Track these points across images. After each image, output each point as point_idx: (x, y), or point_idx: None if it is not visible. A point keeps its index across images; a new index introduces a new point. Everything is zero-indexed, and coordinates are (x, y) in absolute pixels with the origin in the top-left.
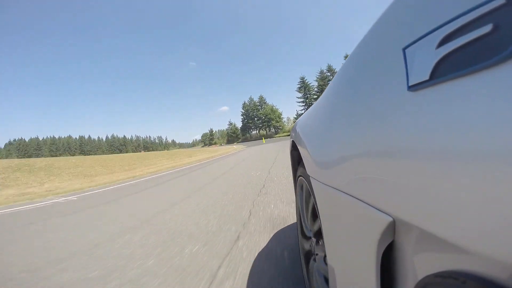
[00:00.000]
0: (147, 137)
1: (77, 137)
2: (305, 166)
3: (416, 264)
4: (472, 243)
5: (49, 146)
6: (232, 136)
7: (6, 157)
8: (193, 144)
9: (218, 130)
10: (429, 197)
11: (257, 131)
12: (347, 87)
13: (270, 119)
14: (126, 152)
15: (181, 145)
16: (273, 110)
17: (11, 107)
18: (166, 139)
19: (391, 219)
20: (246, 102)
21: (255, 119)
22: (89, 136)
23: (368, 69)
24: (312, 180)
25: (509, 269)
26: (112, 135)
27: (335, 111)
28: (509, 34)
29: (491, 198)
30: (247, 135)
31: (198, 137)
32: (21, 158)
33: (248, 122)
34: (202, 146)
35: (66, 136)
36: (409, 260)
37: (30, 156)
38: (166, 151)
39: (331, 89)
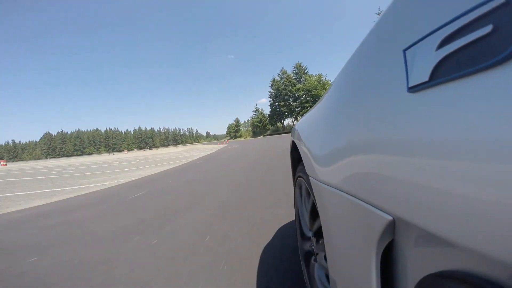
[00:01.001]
0: (176, 129)
1: (105, 129)
2: (305, 166)
3: (416, 263)
4: (472, 243)
5: (73, 140)
6: (259, 127)
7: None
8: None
9: (247, 121)
10: (429, 196)
11: (294, 118)
12: (348, 88)
13: (317, 96)
14: (153, 146)
15: (216, 137)
16: (322, 82)
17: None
18: (196, 131)
19: (391, 218)
20: (276, 78)
21: (290, 100)
22: (115, 128)
23: (369, 70)
24: (311, 180)
25: (509, 269)
26: (139, 128)
27: (336, 112)
28: (508, 36)
29: (491, 198)
30: (279, 124)
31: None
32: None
33: (279, 106)
34: (228, 139)
35: (92, 130)
36: (409, 259)
37: (55, 150)
38: None
39: (332, 89)
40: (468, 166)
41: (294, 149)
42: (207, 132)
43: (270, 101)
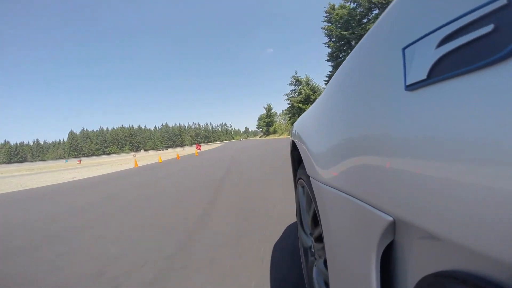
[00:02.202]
0: (207, 124)
1: (129, 126)
2: (305, 167)
3: (416, 264)
4: (472, 243)
5: (95, 139)
6: (300, 109)
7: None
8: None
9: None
10: (429, 196)
11: None
12: (347, 87)
13: None
14: (182, 143)
15: (255, 133)
16: None
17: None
18: (231, 126)
19: (391, 218)
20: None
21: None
22: (141, 126)
23: (368, 68)
24: (312, 181)
25: (509, 269)
26: (166, 124)
27: (334, 111)
28: (506, 35)
29: (491, 198)
30: None
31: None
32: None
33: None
34: (260, 136)
35: (117, 127)
36: (409, 260)
37: (76, 149)
38: None
39: (330, 88)
40: (467, 165)
41: (294, 149)
42: (246, 128)
43: (328, 44)
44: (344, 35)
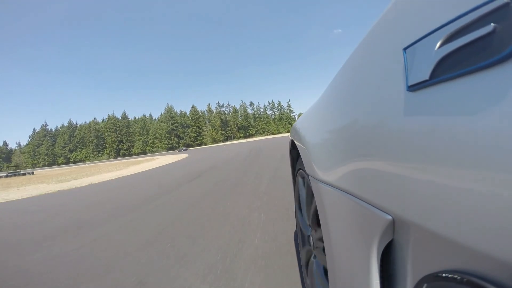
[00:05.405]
0: (244, 104)
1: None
2: (304, 165)
3: (416, 263)
4: (472, 242)
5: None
6: None
7: None
8: None
9: None
10: (429, 195)
11: None
12: (347, 86)
13: None
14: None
15: None
16: None
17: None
18: (289, 106)
19: (390, 217)
20: None
21: None
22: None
23: (368, 68)
24: (311, 179)
25: (509, 269)
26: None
27: (335, 110)
28: (508, 35)
29: (491, 197)
30: None
31: None
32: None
33: None
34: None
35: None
36: (409, 259)
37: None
38: None
39: (331, 88)
40: (468, 165)
41: (294, 148)
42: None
43: None
44: None
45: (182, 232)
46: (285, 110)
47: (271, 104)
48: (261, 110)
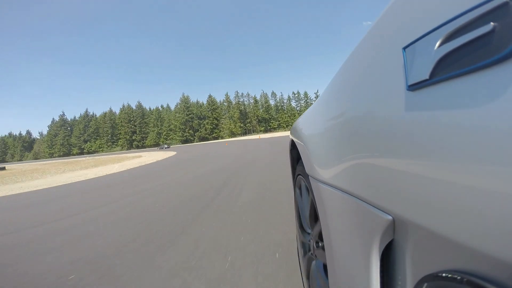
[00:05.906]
0: (265, 94)
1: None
2: (304, 165)
3: (416, 263)
4: (472, 242)
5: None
6: None
7: None
8: None
9: None
10: (429, 195)
11: None
12: (347, 86)
13: None
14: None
15: None
16: None
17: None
18: (317, 96)
19: (390, 217)
20: None
21: None
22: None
23: (368, 68)
24: (311, 179)
25: (509, 269)
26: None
27: (335, 110)
28: (508, 34)
29: (491, 197)
30: None
31: None
32: None
33: None
34: None
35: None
36: (409, 259)
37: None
38: None
39: (331, 87)
40: (468, 165)
41: (294, 148)
42: None
43: None
44: None
45: None
46: (313, 102)
47: (296, 95)
48: (285, 101)
